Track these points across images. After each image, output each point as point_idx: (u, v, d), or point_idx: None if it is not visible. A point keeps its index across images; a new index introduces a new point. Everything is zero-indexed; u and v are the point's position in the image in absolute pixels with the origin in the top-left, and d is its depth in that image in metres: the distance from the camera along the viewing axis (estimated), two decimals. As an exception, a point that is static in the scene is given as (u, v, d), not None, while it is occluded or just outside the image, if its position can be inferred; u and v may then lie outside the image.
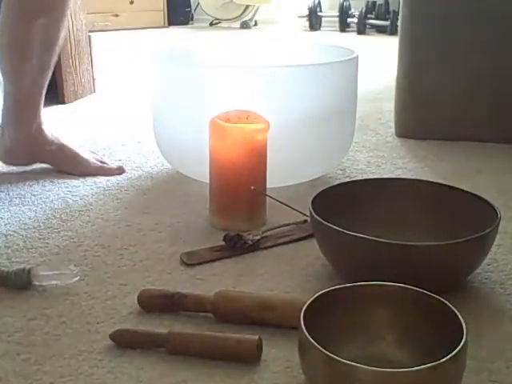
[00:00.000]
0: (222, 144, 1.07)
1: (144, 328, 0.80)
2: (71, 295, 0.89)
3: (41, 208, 1.20)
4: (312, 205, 0.92)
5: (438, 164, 1.49)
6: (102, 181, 1.36)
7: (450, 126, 1.65)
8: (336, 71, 1.28)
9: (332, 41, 3.70)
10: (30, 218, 1.15)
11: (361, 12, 4.36)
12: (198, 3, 4.97)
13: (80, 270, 0.93)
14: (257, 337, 0.75)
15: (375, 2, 4.44)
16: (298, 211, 1.11)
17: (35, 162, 1.42)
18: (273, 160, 1.11)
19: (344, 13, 4.46)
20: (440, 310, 0.68)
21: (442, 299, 0.68)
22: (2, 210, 1.19)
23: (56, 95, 2.05)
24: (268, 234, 1.07)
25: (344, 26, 4.51)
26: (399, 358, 0.69)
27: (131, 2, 4.54)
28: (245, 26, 4.80)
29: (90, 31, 2.20)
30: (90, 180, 1.36)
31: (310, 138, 1.26)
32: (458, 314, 0.65)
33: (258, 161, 1.08)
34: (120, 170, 1.40)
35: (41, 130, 1.38)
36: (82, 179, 1.36)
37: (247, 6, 4.78)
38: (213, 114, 1.08)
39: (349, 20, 4.50)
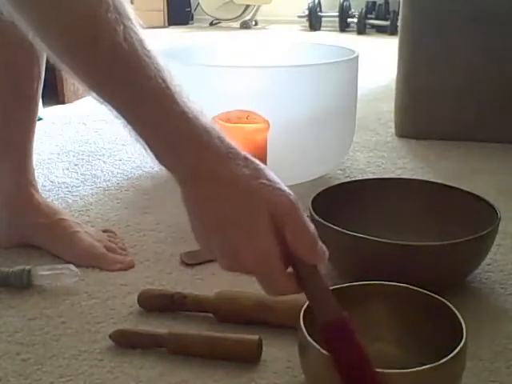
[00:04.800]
0: (222, 144, 1.07)
1: (144, 328, 0.80)
2: (71, 295, 0.89)
3: (41, 208, 1.20)
4: (312, 205, 0.92)
5: (438, 164, 1.49)
6: (101, 181, 1.36)
7: (450, 125, 1.65)
8: (336, 71, 1.28)
9: (332, 41, 3.70)
10: (30, 218, 1.15)
11: (361, 12, 4.37)
12: (198, 3, 4.97)
13: (80, 270, 0.93)
14: (257, 337, 0.75)
15: (375, 2, 4.44)
16: (298, 211, 1.11)
17: (19, 242, 1.03)
18: (273, 160, 1.11)
19: (344, 13, 4.47)
20: (440, 309, 0.68)
21: (442, 299, 0.68)
22: (2, 210, 1.19)
23: (56, 95, 2.05)
24: (268, 233, 1.07)
25: (344, 26, 4.52)
26: (399, 358, 0.69)
27: (131, 2, 4.54)
28: (245, 26, 4.80)
29: (90, 31, 2.20)
30: (90, 180, 1.36)
31: (310, 138, 1.26)
32: (457, 314, 0.65)
33: (258, 161, 1.08)
34: (127, 265, 0.98)
35: (30, 194, 1.04)
36: (82, 179, 1.36)
37: (247, 6, 4.78)
38: (213, 114, 1.08)
39: (349, 20, 4.50)
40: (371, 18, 4.40)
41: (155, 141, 0.55)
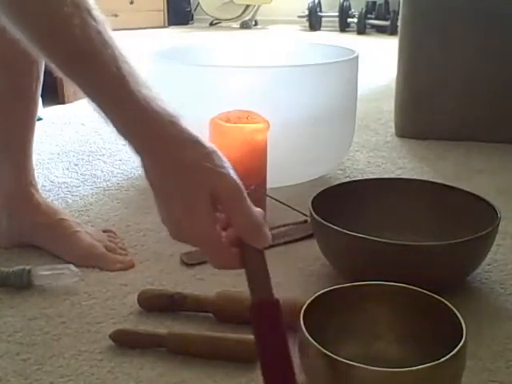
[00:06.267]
0: (222, 144, 1.07)
1: (144, 328, 0.80)
2: (71, 295, 0.89)
3: (41, 208, 1.20)
4: (312, 205, 0.92)
5: (438, 164, 1.49)
6: (101, 181, 1.36)
7: (450, 125, 1.65)
8: (336, 71, 1.29)
9: (332, 41, 3.70)
10: (30, 218, 1.15)
11: (361, 12, 4.36)
12: (198, 3, 4.97)
13: (80, 270, 0.93)
14: (257, 337, 0.75)
15: (375, 2, 4.44)
16: (298, 211, 1.11)
17: (19, 242, 1.03)
18: (273, 160, 1.11)
19: (344, 13, 4.47)
20: (440, 309, 0.68)
21: (442, 299, 0.68)
22: (2, 210, 1.19)
23: (56, 95, 2.05)
24: (268, 233, 1.07)
25: (344, 26, 4.51)
26: (399, 358, 0.69)
27: (131, 2, 4.54)
28: (245, 26, 4.80)
29: (90, 31, 2.20)
30: (90, 180, 1.36)
31: (310, 137, 1.26)
32: (457, 313, 0.65)
33: (258, 161, 1.08)
34: (127, 265, 0.98)
35: (30, 194, 1.04)
36: (82, 179, 1.36)
37: (247, 6, 4.78)
38: (213, 114, 1.08)
39: (349, 20, 4.50)
40: (371, 18, 4.40)
41: (114, 123, 0.60)
